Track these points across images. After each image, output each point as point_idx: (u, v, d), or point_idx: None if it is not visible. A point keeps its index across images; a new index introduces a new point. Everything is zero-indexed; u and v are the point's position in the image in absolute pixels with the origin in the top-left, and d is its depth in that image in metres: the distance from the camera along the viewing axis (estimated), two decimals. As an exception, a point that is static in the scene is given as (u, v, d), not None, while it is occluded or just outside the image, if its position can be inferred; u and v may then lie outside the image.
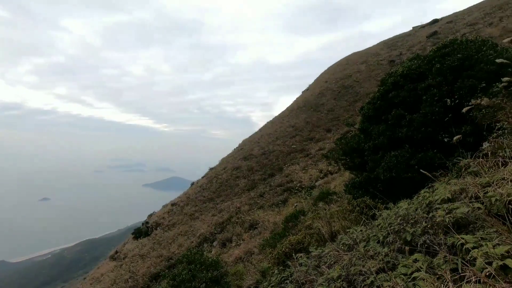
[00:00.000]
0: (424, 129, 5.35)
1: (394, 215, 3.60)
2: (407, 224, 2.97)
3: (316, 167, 21.34)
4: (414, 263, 2.46)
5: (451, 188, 3.29)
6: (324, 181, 18.87)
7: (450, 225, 2.46)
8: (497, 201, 2.53)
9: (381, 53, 36.72)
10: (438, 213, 2.68)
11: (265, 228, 14.83)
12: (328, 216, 6.51)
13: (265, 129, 34.28)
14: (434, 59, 5.57)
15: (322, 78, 39.83)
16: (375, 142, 6.17)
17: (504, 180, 2.86)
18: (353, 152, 7.26)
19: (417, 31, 38.15)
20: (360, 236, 3.87)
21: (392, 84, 5.93)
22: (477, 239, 2.14)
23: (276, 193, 20.34)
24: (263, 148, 27.61)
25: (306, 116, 30.43)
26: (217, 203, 21.89)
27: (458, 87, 5.18)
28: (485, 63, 5.02)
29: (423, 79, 5.77)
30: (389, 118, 5.85)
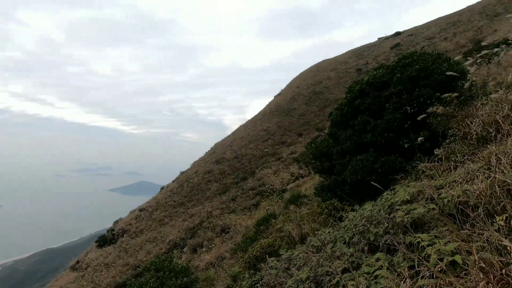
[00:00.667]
0: (387, 134, 5.67)
1: (359, 217, 3.76)
2: (370, 225, 3.13)
3: (288, 170, 21.68)
4: (376, 262, 2.59)
5: (410, 190, 3.52)
6: (296, 184, 19.24)
7: (408, 225, 2.64)
8: (449, 202, 2.76)
9: (349, 62, 38.43)
10: (398, 214, 2.86)
11: (237, 232, 14.77)
12: (299, 219, 6.64)
13: (237, 132, 34.28)
14: (395, 69, 5.96)
15: (294, 83, 40.76)
16: (342, 146, 6.43)
17: (455, 182, 3.12)
18: (322, 156, 7.50)
19: (382, 42, 40.49)
20: (328, 237, 4.00)
21: (358, 91, 6.24)
22: (431, 237, 2.32)
23: (248, 197, 20.35)
24: (235, 151, 27.55)
25: (278, 120, 30.90)
26: (188, 208, 21.41)
27: (416, 95, 5.58)
28: (438, 74, 5.46)
29: (386, 87, 6.13)
30: (355, 123, 6.13)
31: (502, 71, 5.59)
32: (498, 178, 2.41)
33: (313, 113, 29.98)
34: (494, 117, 3.90)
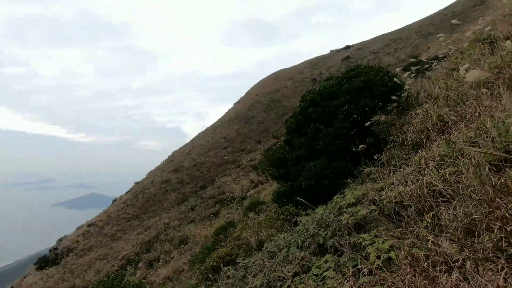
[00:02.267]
0: (337, 141, 6.03)
1: (312, 221, 3.92)
2: (320, 228, 3.28)
3: (248, 177, 21.79)
4: (325, 264, 2.72)
5: (356, 194, 3.78)
6: (255, 191, 19.38)
7: (352, 226, 2.82)
8: (387, 203, 3.01)
9: (305, 72, 40.28)
10: (344, 216, 3.04)
11: (196, 242, 14.36)
12: (256, 226, 6.70)
13: (197, 140, 33.63)
14: (343, 80, 6.41)
15: (253, 91, 41.41)
16: (297, 153, 6.67)
17: (393, 185, 3.42)
18: (278, 162, 7.69)
19: (334, 54, 43.22)
20: (283, 242, 4.10)
21: (310, 100, 6.57)
22: (372, 237, 2.50)
23: (208, 206, 19.97)
24: (194, 159, 26.95)
25: (238, 128, 31.02)
26: (144, 220, 20.29)
27: (362, 105, 6.04)
28: (380, 86, 6.00)
29: (335, 97, 6.54)
30: (308, 131, 6.42)
31: (431, 84, 6.33)
32: (426, 180, 2.71)
33: (272, 120, 30.70)
34: (425, 125, 4.38)
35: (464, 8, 28.50)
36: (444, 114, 4.02)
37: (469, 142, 2.85)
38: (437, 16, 33.99)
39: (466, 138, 2.90)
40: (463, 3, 30.94)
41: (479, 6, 25.07)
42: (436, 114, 4.35)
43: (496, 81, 3.59)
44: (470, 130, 2.98)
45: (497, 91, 3.51)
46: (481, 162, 2.32)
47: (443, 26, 28.02)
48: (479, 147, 2.59)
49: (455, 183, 2.38)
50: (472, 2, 28.74)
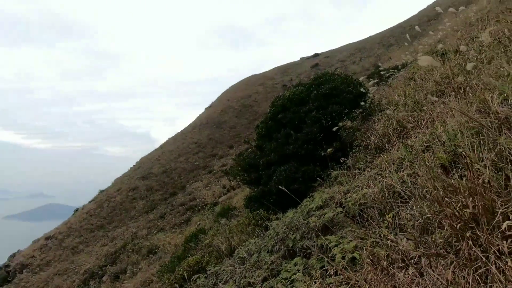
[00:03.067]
0: (306, 146, 6.19)
1: (282, 224, 3.97)
2: (290, 232, 3.33)
3: (219, 183, 21.56)
4: (294, 267, 2.76)
5: (324, 197, 3.89)
6: (227, 197, 19.21)
7: (320, 229, 2.90)
8: (353, 205, 3.14)
9: (276, 78, 41.01)
10: (312, 219, 3.12)
11: (166, 252, 13.87)
12: (228, 231, 6.63)
13: (166, 145, 32.70)
14: (312, 86, 6.62)
15: (225, 96, 41.31)
16: (268, 158, 6.74)
17: (358, 187, 3.58)
18: (250, 167, 7.71)
19: (304, 61, 44.54)
20: (254, 248, 4.09)
21: (280, 106, 6.70)
22: (338, 238, 2.59)
23: (178, 213, 19.43)
24: (164, 165, 26.15)
25: (209, 133, 30.68)
26: (109, 230, 19.22)
27: (329, 111, 6.27)
28: (346, 93, 6.27)
29: (304, 103, 6.73)
30: (279, 136, 6.53)
31: (392, 92, 6.75)
32: (386, 182, 2.86)
33: (243, 125, 30.77)
34: (386, 130, 4.65)
35: (420, 22, 30.85)
36: (403, 120, 4.30)
37: (424, 146, 3.07)
38: (397, 29, 36.48)
39: (421, 142, 3.12)
40: (419, 18, 33.53)
41: (433, 21, 27.31)
42: (396, 120, 4.63)
43: (446, 89, 3.92)
44: (425, 135, 3.21)
45: (447, 99, 3.83)
46: (434, 164, 2.51)
47: (402, 38, 30.11)
48: (432, 150, 2.80)
49: (412, 185, 2.54)
50: (427, 17, 31.24)
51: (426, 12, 34.18)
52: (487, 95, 2.75)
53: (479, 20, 6.70)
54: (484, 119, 2.46)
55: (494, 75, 3.13)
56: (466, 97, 3.31)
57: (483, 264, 1.24)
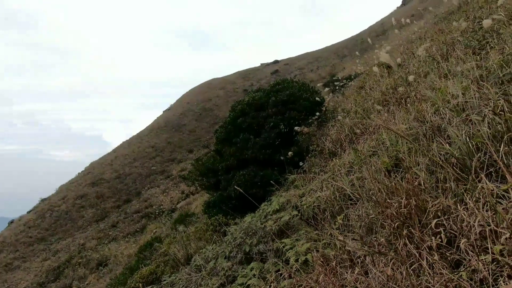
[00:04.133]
0: (265, 151, 6.28)
1: (239, 229, 3.95)
2: (247, 237, 3.33)
3: (178, 188, 20.89)
4: (250, 272, 2.76)
5: (280, 200, 3.98)
6: (186, 202, 18.67)
7: (276, 232, 2.94)
8: (307, 208, 3.25)
9: (237, 82, 41.18)
10: (268, 223, 3.16)
11: (118, 263, 12.99)
12: (185, 239, 6.42)
13: (121, 149, 30.80)
14: (270, 93, 6.77)
15: (184, 99, 40.33)
16: (227, 162, 6.70)
17: (312, 190, 3.72)
18: (209, 172, 7.58)
19: (264, 67, 45.43)
20: (211, 254, 4.01)
21: (240, 111, 6.73)
22: (292, 241, 2.65)
23: (133, 221, 18.36)
24: (117, 171, 24.57)
25: (167, 136, 29.62)
26: (51, 243, 17.44)
27: (287, 117, 6.46)
28: (303, 100, 6.53)
29: (263, 108, 6.85)
30: (238, 141, 6.53)
31: (345, 100, 7.18)
32: (338, 185, 3.02)
33: (204, 129, 30.29)
34: (339, 136, 4.93)
35: (370, 36, 33.49)
36: (353, 126, 4.59)
37: (371, 151, 3.31)
38: (350, 41, 39.14)
39: (368, 147, 3.36)
40: (369, 33, 36.37)
41: (382, 36, 29.83)
42: (347, 126, 4.93)
43: (390, 99, 4.28)
44: (372, 141, 3.46)
45: (392, 108, 4.19)
46: (379, 168, 2.71)
47: (355, 50, 32.33)
48: (378, 155, 3.03)
49: (360, 187, 2.71)
50: (376, 32, 34.03)
51: (375, 28, 37.21)
52: (423, 106, 3.06)
53: (418, 38, 7.47)
54: (420, 127, 2.73)
55: (429, 88, 3.50)
56: (406, 106, 3.65)
57: (416, 260, 1.37)
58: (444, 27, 6.50)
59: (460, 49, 4.06)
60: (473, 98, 2.35)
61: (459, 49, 4.07)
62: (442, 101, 2.83)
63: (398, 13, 33.37)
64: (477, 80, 2.65)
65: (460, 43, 4.31)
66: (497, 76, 2.41)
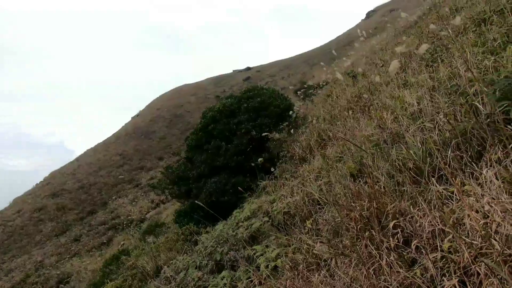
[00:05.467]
0: (237, 157, 6.29)
1: (211, 238, 3.90)
2: (218, 245, 3.29)
3: (148, 197, 20.13)
4: (221, 281, 2.73)
5: (252, 207, 3.99)
6: (156, 212, 18.03)
7: (247, 239, 2.95)
8: (278, 214, 3.30)
9: (209, 88, 40.91)
10: (239, 230, 3.15)
11: (81, 280, 12.15)
12: (154, 250, 6.19)
13: (85, 157, 29.11)
14: (242, 99, 6.81)
15: (154, 105, 39.23)
16: (198, 170, 6.60)
17: (283, 196, 3.78)
18: (179, 180, 7.41)
19: (237, 74, 45.65)
20: (181, 265, 3.91)
21: (211, 117, 6.68)
22: (263, 247, 2.67)
23: (97, 234, 17.33)
24: (80, 180, 23.16)
25: (136, 144, 28.53)
26: (4, 262, 15.91)
27: (259, 123, 6.53)
28: (274, 107, 6.64)
29: (235, 115, 6.87)
30: (209, 148, 6.47)
31: (314, 107, 7.42)
32: (307, 191, 3.10)
33: (175, 136, 29.58)
34: (308, 142, 5.07)
35: (338, 46, 35.04)
36: (322, 132, 4.75)
37: (338, 157, 3.45)
38: (319, 51, 40.67)
39: (335, 153, 3.50)
40: (337, 43, 38.07)
41: (348, 46, 31.37)
42: (316, 132, 5.10)
43: (355, 107, 4.50)
44: (338, 146, 3.61)
45: (357, 115, 4.40)
46: (345, 173, 2.83)
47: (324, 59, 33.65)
48: (344, 161, 3.16)
49: (328, 192, 2.80)
50: (343, 42, 35.72)
51: (342, 38, 39.04)
52: (384, 113, 3.26)
53: (380, 49, 7.96)
54: (382, 134, 2.90)
55: (389, 97, 3.74)
56: (369, 114, 3.86)
57: (376, 260, 1.44)
58: (402, 40, 7.00)
59: (416, 61, 4.39)
60: (426, 107, 2.55)
61: (415, 61, 4.40)
62: (400, 109, 3.04)
63: (362, 26, 35.32)
64: (430, 90, 2.88)
65: (415, 55, 4.66)
66: (446, 87, 2.64)
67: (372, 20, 36.57)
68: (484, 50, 2.83)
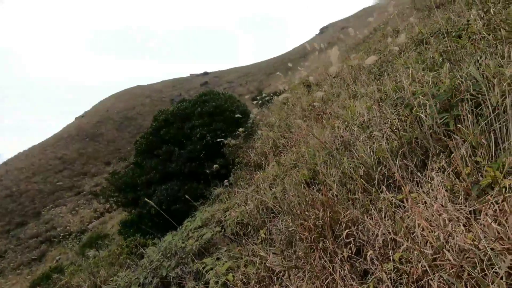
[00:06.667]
0: (190, 163, 6.01)
1: (158, 251, 3.58)
2: (165, 259, 3.02)
3: (91, 206, 18.41)
4: (166, 299, 2.47)
5: (204, 216, 3.78)
6: (100, 222, 16.58)
7: (197, 252, 2.74)
8: (231, 223, 3.15)
9: (164, 91, 39.36)
10: (188, 242, 2.93)
11: (3, 303, 10.50)
12: (93, 266, 5.56)
13: (15, 162, 25.67)
14: (196, 103, 6.57)
15: (103, 106, 36.43)
16: (148, 176, 6.16)
17: (237, 204, 3.65)
18: (126, 187, 6.85)
19: (194, 78, 44.73)
20: (123, 283, 3.51)
21: (163, 121, 6.32)
22: (213, 260, 2.49)
23: (27, 248, 15.29)
24: (8, 188, 20.32)
25: (80, 147, 26.07)
26: None
27: (214, 128, 6.34)
28: (230, 112, 6.52)
29: (189, 119, 6.58)
30: (161, 153, 6.09)
31: (270, 114, 7.47)
32: (261, 199, 3.01)
33: (125, 139, 27.71)
34: (263, 148, 5.03)
35: (295, 57, 36.49)
36: (277, 139, 4.75)
37: (292, 164, 3.43)
38: (277, 60, 41.91)
39: (290, 160, 3.48)
40: (294, 54, 39.67)
41: (303, 58, 32.85)
42: (271, 139, 5.09)
43: (309, 115, 4.59)
44: (293, 153, 3.61)
45: (311, 123, 4.49)
46: (299, 180, 2.80)
47: (281, 69, 34.70)
48: (298, 168, 3.15)
49: (282, 200, 2.74)
50: (299, 54, 37.34)
51: (298, 50, 40.76)
52: (336, 122, 3.34)
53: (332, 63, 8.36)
54: (334, 142, 2.95)
55: (341, 106, 3.87)
56: (322, 122, 3.95)
57: (329, 273, 1.39)
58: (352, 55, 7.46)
59: (365, 74, 4.65)
60: (375, 117, 2.65)
61: (364, 74, 4.66)
62: (351, 118, 3.14)
63: (316, 40, 37.38)
64: (378, 101, 3.02)
65: (364, 69, 4.95)
66: (392, 99, 2.78)
67: (325, 35, 38.87)
68: (424, 67, 3.07)
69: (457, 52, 2.73)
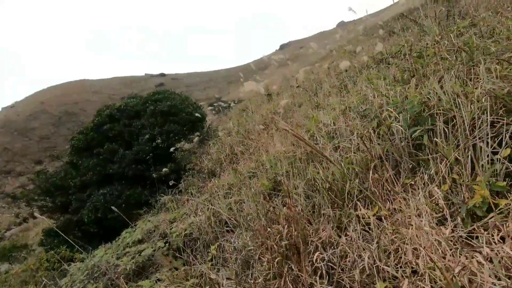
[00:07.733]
0: (135, 166, 5.38)
1: (84, 268, 2.98)
2: (90, 280, 2.48)
3: (11, 210, 15.91)
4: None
5: (146, 227, 3.29)
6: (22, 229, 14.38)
7: (131, 272, 2.28)
8: (177, 237, 2.74)
9: (116, 88, 36.65)
10: (124, 259, 2.45)
11: None
12: (1, 284, 4.56)
13: None
14: (148, 101, 5.99)
15: (38, 97, 32.45)
16: (83, 178, 5.37)
17: (186, 214, 3.24)
18: (56, 190, 5.90)
19: (149, 78, 42.60)
20: (33, 309, 2.83)
21: (108, 116, 5.61)
22: (152, 283, 2.07)
23: None
24: None
25: (4, 141, 22.63)
26: None
27: (167, 130, 5.82)
28: (185, 114, 6.08)
29: (139, 117, 5.96)
30: (101, 152, 5.36)
31: (228, 120, 7.18)
32: (214, 209, 2.67)
33: (63, 136, 24.85)
34: (219, 155, 4.70)
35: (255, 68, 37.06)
36: (234, 146, 4.46)
37: (251, 172, 3.17)
38: (239, 70, 42.13)
39: (248, 168, 3.21)
40: (255, 65, 40.37)
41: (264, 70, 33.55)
42: (229, 146, 4.78)
43: (270, 122, 4.41)
44: (252, 161, 3.35)
45: (271, 131, 4.31)
46: (258, 191, 2.54)
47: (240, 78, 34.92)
48: (257, 177, 2.89)
49: (238, 212, 2.44)
50: (259, 66, 38.12)
51: (259, 62, 41.51)
52: (299, 131, 3.18)
53: (291, 76, 8.47)
54: (297, 151, 2.77)
55: (304, 116, 3.75)
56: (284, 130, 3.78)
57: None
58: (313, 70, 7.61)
59: (326, 87, 4.66)
60: (342, 127, 2.53)
61: (326, 87, 4.67)
62: (315, 128, 3.00)
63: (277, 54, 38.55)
64: (343, 113, 2.94)
65: (326, 82, 4.99)
66: (359, 110, 2.71)
67: (285, 51, 40.29)
68: (387, 82, 3.10)
69: (420, 71, 2.79)
